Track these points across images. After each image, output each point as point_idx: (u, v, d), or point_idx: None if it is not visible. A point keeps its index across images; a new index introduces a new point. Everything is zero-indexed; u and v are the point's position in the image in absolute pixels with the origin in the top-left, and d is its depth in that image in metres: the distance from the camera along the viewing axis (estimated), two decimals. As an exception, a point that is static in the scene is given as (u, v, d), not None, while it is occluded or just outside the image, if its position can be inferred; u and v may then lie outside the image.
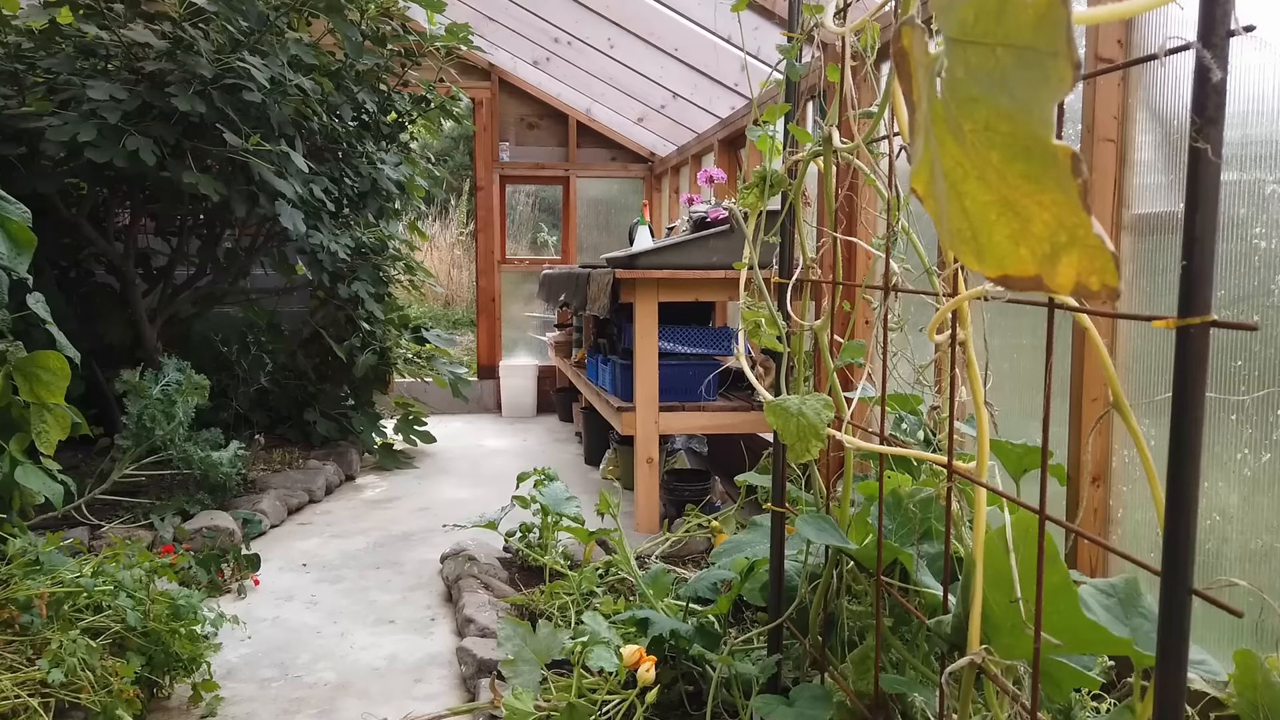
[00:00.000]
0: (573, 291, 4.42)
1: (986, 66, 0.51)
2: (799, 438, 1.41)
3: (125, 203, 4.32)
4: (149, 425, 3.36)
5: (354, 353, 4.86)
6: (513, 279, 6.99)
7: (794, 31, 1.79)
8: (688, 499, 3.52)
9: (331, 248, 4.11)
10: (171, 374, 3.53)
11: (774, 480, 1.88)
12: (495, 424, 6.37)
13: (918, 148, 0.64)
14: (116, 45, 3.61)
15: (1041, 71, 0.46)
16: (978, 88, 0.52)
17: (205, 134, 3.68)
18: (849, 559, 1.70)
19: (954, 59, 0.54)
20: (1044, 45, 0.46)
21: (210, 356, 4.67)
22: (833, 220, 1.61)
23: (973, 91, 0.52)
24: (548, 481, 3.00)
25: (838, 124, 1.60)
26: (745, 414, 3.53)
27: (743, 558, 2.17)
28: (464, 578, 2.87)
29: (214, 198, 3.49)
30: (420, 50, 4.81)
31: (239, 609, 2.80)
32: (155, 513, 3.38)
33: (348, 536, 3.63)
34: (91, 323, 4.28)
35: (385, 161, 4.66)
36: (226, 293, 4.69)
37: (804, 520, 1.57)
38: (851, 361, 1.62)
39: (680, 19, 4.19)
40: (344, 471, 4.58)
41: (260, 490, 3.93)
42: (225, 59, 3.52)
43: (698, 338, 3.68)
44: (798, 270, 1.79)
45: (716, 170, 3.93)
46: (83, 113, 3.31)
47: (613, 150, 6.84)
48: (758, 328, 1.71)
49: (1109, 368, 0.98)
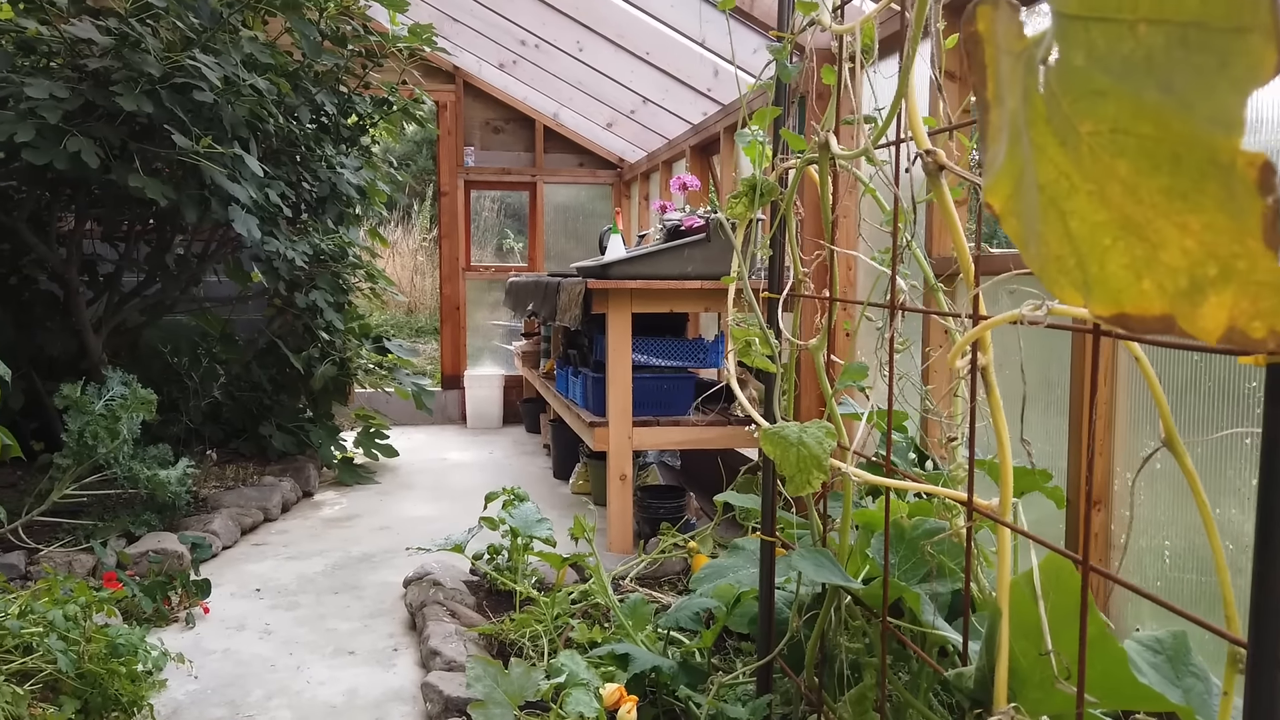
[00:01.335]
0: (541, 301, 4.28)
1: (1122, 50, 0.39)
2: (799, 469, 1.30)
3: (69, 206, 4.11)
4: (91, 443, 3.16)
5: (312, 363, 4.68)
6: (478, 286, 6.83)
7: (784, 31, 1.68)
8: (663, 517, 3.40)
9: (289, 255, 3.94)
10: (116, 387, 3.34)
11: (764, 507, 1.77)
12: (460, 436, 6.21)
13: (995, 154, 0.52)
14: (58, 41, 3.41)
15: (1217, 55, 0.35)
16: (1107, 78, 0.40)
17: (154, 135, 3.49)
18: (847, 594, 1.58)
19: (1069, 42, 0.42)
20: (1222, 19, 0.35)
21: (160, 368, 4.46)
22: (829, 231, 1.50)
23: (1098, 83, 0.41)
24: (518, 502, 2.86)
25: (834, 128, 1.49)
26: (722, 429, 3.42)
27: (726, 584, 2.05)
28: (429, 604, 2.72)
29: (162, 202, 3.31)
30: (382, 51, 4.64)
31: (186, 641, 2.63)
32: (98, 535, 3.19)
33: (305, 558, 3.46)
34: (31, 332, 4.07)
35: (345, 165, 4.49)
36: (177, 301, 4.49)
37: (801, 555, 1.46)
38: (852, 385, 1.50)
39: (652, 21, 4.08)
40: (301, 488, 4.39)
41: (212, 509, 3.74)
42: (175, 57, 3.35)
43: (672, 350, 3.56)
44: (788, 284, 1.68)
45: (690, 177, 3.82)
46: (20, 111, 3.12)
47: (581, 156, 6.72)
48: (749, 347, 1.59)
49: (1163, 403, 0.87)
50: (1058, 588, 1.08)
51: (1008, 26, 0.48)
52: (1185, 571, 1.77)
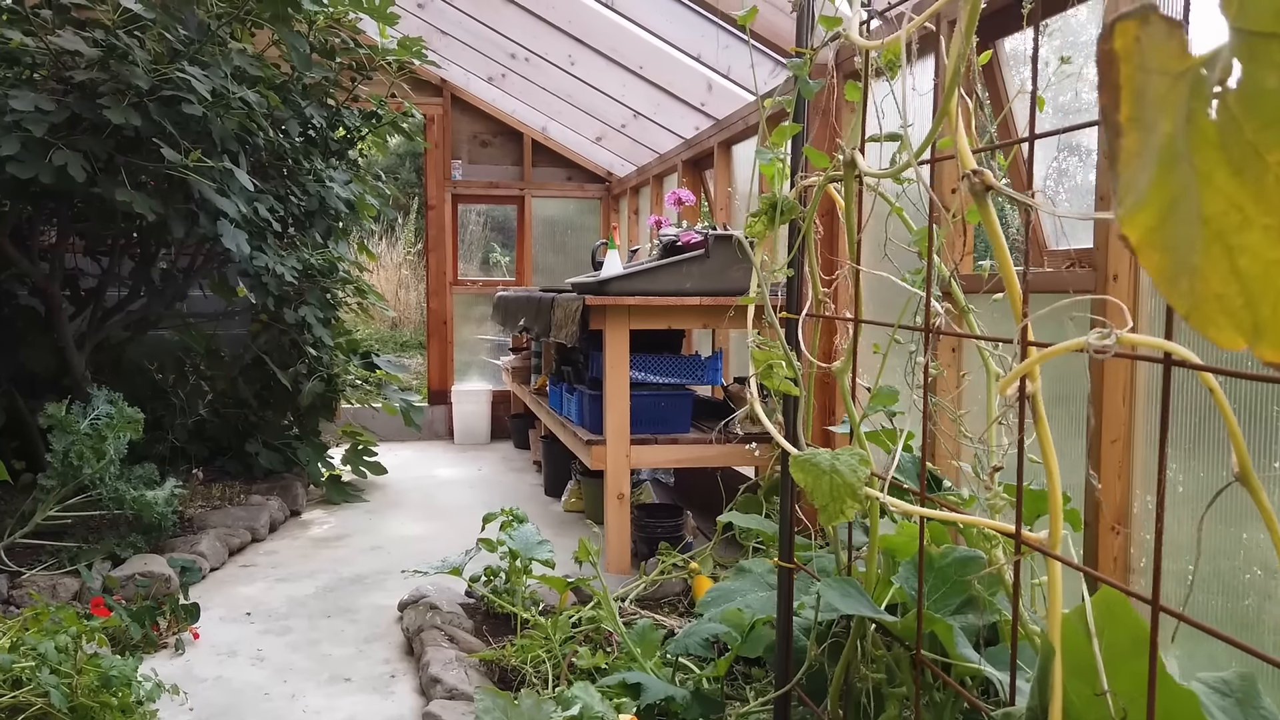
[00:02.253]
0: (534, 316, 4.23)
1: (1326, 73, 0.36)
2: (833, 498, 1.26)
3: (51, 220, 4.02)
4: (76, 463, 3.08)
5: (299, 380, 4.60)
6: (465, 300, 6.77)
7: (802, 46, 1.65)
8: (661, 536, 3.35)
9: (277, 270, 3.87)
10: (102, 406, 3.26)
11: (781, 533, 1.72)
12: (448, 452, 6.13)
13: (1133, 182, 0.48)
14: (44, 53, 3.34)
15: None
16: (1305, 103, 0.37)
17: (140, 149, 3.42)
18: (872, 623, 1.54)
19: (1259, 62, 0.38)
20: None
21: (144, 384, 4.37)
22: (854, 251, 1.47)
23: (1294, 108, 0.37)
24: (517, 523, 2.81)
25: (859, 145, 1.45)
26: (721, 447, 3.37)
27: (734, 609, 2.01)
28: (426, 629, 2.66)
29: (150, 217, 3.23)
30: (371, 64, 4.59)
31: (177, 668, 2.55)
32: (83, 557, 3.10)
33: (295, 580, 3.38)
34: (12, 349, 3.96)
35: (334, 179, 4.42)
36: (162, 316, 4.40)
37: (828, 585, 1.42)
38: (883, 409, 1.47)
39: (646, 36, 4.06)
40: (289, 506, 4.31)
41: (198, 529, 3.66)
42: (163, 69, 3.28)
43: (669, 367, 3.52)
44: (807, 304, 1.64)
45: (685, 192, 3.79)
46: (4, 125, 3.04)
47: (569, 169, 6.68)
48: (770, 369, 1.55)
49: (1238, 437, 0.84)
50: (1112, 624, 1.04)
51: (1162, 44, 0.45)
52: (1210, 595, 1.74)
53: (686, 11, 3.70)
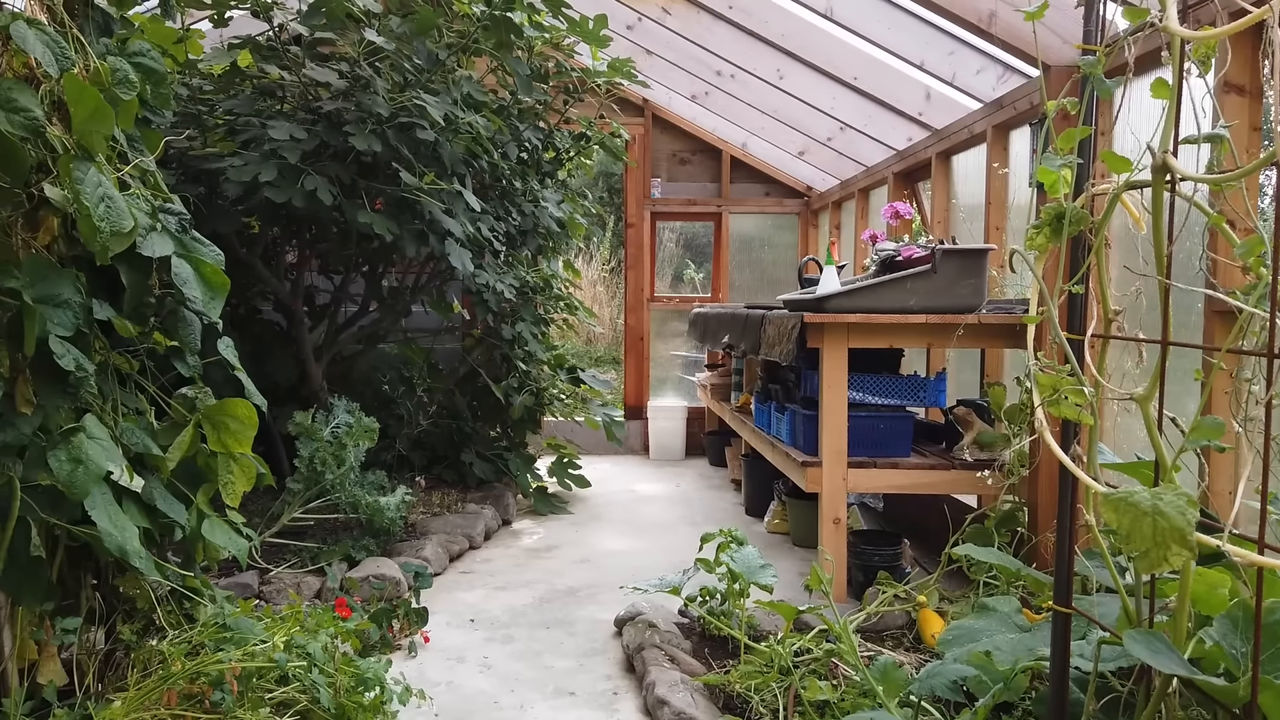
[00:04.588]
0: (740, 333, 4.18)
1: None
2: (1155, 543, 1.12)
3: (292, 241, 4.34)
4: (319, 469, 3.28)
5: (510, 393, 4.75)
6: (659, 317, 6.82)
7: (1090, 43, 1.51)
8: (878, 565, 3.20)
9: (497, 287, 4.01)
10: (341, 415, 3.46)
11: (1057, 574, 1.58)
12: (644, 467, 6.17)
13: None
14: (295, 86, 3.60)
15: None
16: None
17: (376, 173, 3.63)
18: (1177, 679, 1.38)
19: None
20: None
21: (371, 395, 4.63)
22: (1162, 266, 1.32)
23: None
24: (736, 545, 2.75)
25: (1172, 148, 1.31)
26: (945, 473, 3.20)
27: (980, 651, 1.87)
28: (646, 648, 2.64)
29: (387, 237, 3.42)
30: (582, 86, 4.70)
31: (411, 669, 2.65)
32: (323, 558, 3.29)
33: (512, 589, 3.46)
34: (260, 361, 4.29)
35: (548, 199, 4.55)
36: (389, 331, 4.66)
37: (1133, 638, 1.27)
38: (1207, 444, 1.31)
39: (864, 46, 3.95)
40: (501, 515, 4.44)
41: (421, 535, 3.82)
42: (399, 98, 3.47)
43: (889, 387, 3.37)
44: (1093, 324, 1.50)
45: (903, 205, 3.64)
46: (264, 153, 3.30)
47: (767, 185, 6.61)
48: (1055, 394, 1.42)
49: None
50: None
51: None
52: None
53: (908, 19, 3.56)
